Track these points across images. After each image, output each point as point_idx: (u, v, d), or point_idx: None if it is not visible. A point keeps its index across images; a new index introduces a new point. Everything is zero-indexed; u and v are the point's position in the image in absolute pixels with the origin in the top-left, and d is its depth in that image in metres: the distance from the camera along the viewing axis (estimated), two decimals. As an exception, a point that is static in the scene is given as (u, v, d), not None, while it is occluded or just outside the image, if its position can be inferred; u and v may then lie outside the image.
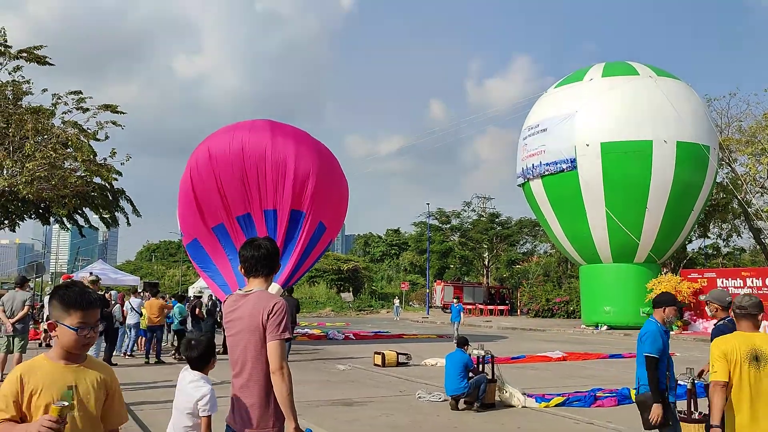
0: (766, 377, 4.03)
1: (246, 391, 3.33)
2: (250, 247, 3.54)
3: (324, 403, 10.18)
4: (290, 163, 17.49)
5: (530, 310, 44.72)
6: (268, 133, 17.93)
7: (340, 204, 19.64)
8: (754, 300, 4.31)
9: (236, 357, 3.39)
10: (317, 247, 18.94)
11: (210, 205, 17.83)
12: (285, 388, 3.23)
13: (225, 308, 3.57)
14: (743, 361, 4.06)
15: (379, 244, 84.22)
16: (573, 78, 31.06)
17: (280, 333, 3.28)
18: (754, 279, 25.77)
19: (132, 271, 59.34)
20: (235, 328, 3.42)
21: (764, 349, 4.07)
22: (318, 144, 19.49)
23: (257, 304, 3.36)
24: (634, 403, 10.21)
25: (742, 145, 34.03)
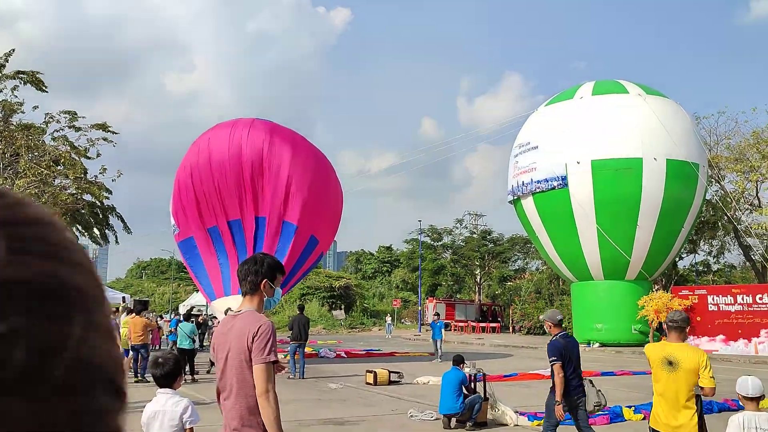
0: (679, 378, 4.93)
1: (234, 414, 3.28)
2: (245, 264, 3.49)
3: (315, 422, 10.10)
4: (284, 172, 17.32)
5: (522, 328, 44.65)
6: (267, 135, 17.75)
7: (333, 216, 19.51)
8: (684, 316, 5.23)
9: (226, 380, 3.35)
10: (308, 261, 18.85)
11: (208, 205, 17.73)
12: (271, 412, 3.19)
13: (218, 331, 3.54)
14: (659, 364, 5.07)
15: (371, 261, 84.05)
16: (563, 96, 31.31)
17: (266, 356, 3.24)
18: (744, 296, 25.85)
19: (122, 288, 58.93)
20: (224, 350, 3.37)
21: (676, 356, 4.98)
22: (315, 152, 19.25)
23: (244, 326, 3.32)
24: (626, 421, 10.21)
25: (731, 163, 34.33)
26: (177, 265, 79.03)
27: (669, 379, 4.99)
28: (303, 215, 17.49)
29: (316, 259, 19.67)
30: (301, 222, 17.49)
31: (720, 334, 26.00)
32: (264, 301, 3.51)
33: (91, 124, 25.04)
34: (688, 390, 4.93)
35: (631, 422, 10.13)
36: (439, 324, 23.28)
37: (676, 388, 4.96)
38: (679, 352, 5.02)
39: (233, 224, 17.62)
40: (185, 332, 16.29)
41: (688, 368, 4.93)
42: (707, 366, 4.93)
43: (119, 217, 29.16)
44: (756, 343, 24.90)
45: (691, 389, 4.94)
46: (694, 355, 5.01)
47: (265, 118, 19.42)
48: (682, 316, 5.22)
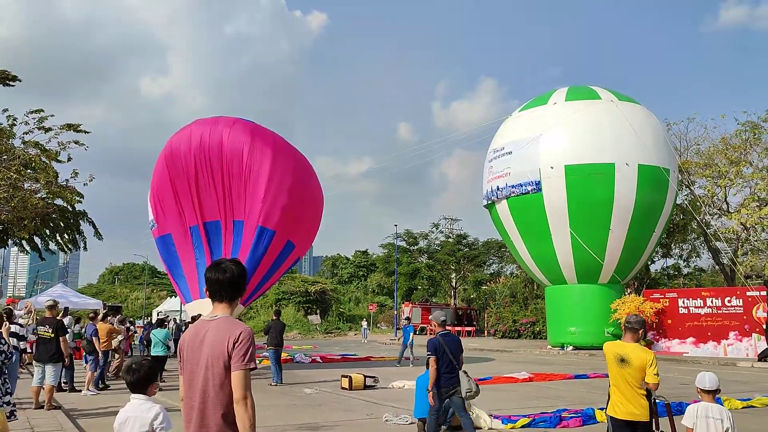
0: (627, 374, 5.71)
1: (207, 421, 3.23)
2: (215, 270, 3.42)
3: (290, 427, 10.05)
4: (264, 175, 17.13)
5: (497, 331, 44.90)
6: (248, 137, 17.52)
7: (312, 221, 19.36)
8: (639, 318, 5.97)
9: (197, 385, 3.28)
10: (283, 266, 18.72)
11: (186, 203, 17.53)
12: (248, 419, 3.16)
13: (187, 336, 3.45)
14: (612, 360, 5.85)
15: (347, 265, 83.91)
16: (537, 102, 31.63)
17: (246, 362, 3.21)
18: (713, 299, 26.33)
19: (94, 294, 58.08)
20: (196, 355, 3.32)
21: (628, 354, 5.73)
22: (297, 154, 19.06)
23: (222, 331, 3.27)
24: (598, 423, 10.33)
25: (701, 168, 34.94)
26: (150, 270, 78.14)
27: (620, 374, 5.79)
28: (281, 220, 17.32)
29: (291, 264, 19.56)
30: (279, 227, 17.32)
31: (690, 336, 26.44)
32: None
33: (61, 124, 24.68)
34: (637, 384, 5.69)
35: (603, 424, 10.22)
36: (409, 328, 23.00)
37: (625, 382, 5.76)
38: (631, 351, 5.77)
39: (210, 225, 17.46)
40: (159, 338, 16.07)
41: (636, 366, 5.67)
42: (653, 364, 5.65)
43: (91, 222, 28.73)
44: (725, 345, 25.37)
45: (639, 384, 5.68)
46: (643, 354, 5.73)
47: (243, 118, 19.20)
48: (636, 319, 5.97)
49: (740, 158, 33.79)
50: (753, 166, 34.22)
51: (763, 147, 33.78)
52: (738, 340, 25.11)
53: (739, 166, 33.49)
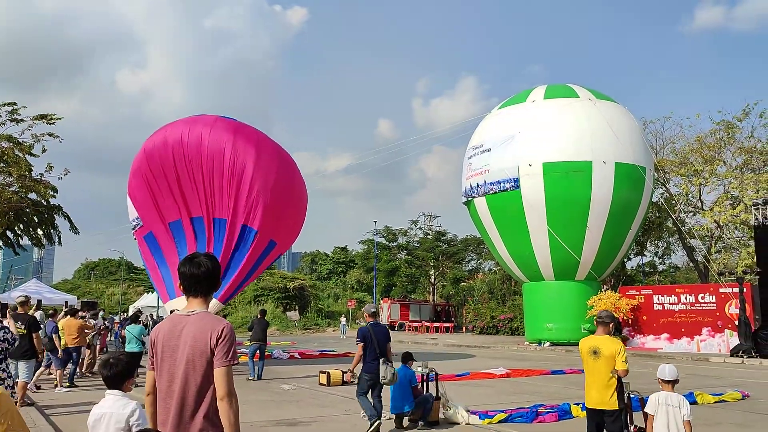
0: (599, 365, 6.35)
1: (187, 418, 3.18)
2: (189, 264, 3.38)
3: (267, 423, 10.02)
4: (248, 174, 16.98)
5: (475, 327, 45.13)
6: (231, 135, 17.34)
7: (295, 219, 19.25)
8: (609, 313, 6.68)
9: (176, 381, 3.22)
10: (264, 263, 18.64)
11: (166, 200, 17.35)
12: (233, 414, 3.13)
13: (161, 331, 3.37)
14: (587, 354, 6.51)
15: (326, 262, 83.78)
16: (516, 99, 31.80)
17: (230, 359, 3.18)
18: (687, 295, 26.70)
19: (69, 290, 57.29)
20: (173, 351, 3.25)
21: (599, 346, 6.40)
22: (280, 152, 18.89)
23: (203, 327, 3.22)
24: (574, 419, 10.44)
25: (676, 167, 35.42)
26: (127, 265, 77.34)
27: (594, 365, 6.41)
28: (264, 219, 17.23)
29: (271, 262, 19.49)
30: (262, 226, 17.24)
31: (664, 332, 26.80)
32: None
33: (34, 115, 24.27)
34: (609, 373, 6.29)
35: (579, 419, 10.34)
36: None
37: (599, 372, 6.37)
38: (602, 343, 6.46)
39: (195, 221, 17.32)
40: (133, 334, 15.88)
41: (607, 355, 6.31)
42: (621, 353, 6.30)
43: (66, 217, 28.32)
44: (698, 341, 25.76)
45: (611, 372, 6.30)
46: (612, 345, 6.40)
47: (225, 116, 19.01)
48: (606, 314, 6.71)
49: (714, 157, 34.31)
50: (727, 165, 34.77)
51: (737, 146, 34.34)
52: (711, 336, 25.51)
53: (713, 165, 34.00)
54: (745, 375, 17.98)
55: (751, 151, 33.78)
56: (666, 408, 5.90)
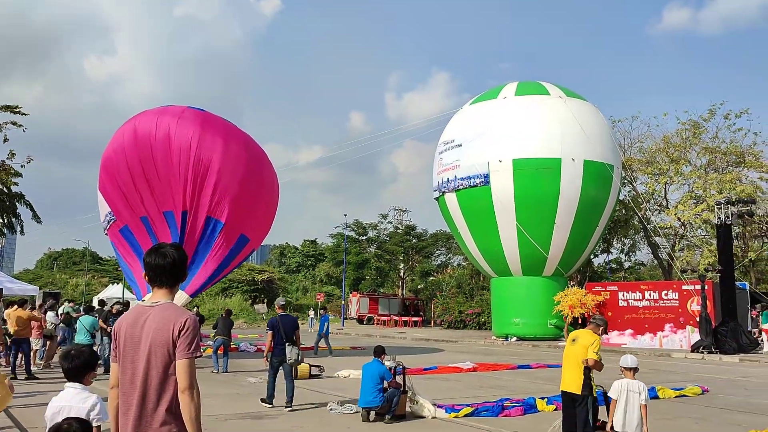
0: (574, 349, 7.02)
1: (149, 411, 3.11)
2: (155, 255, 3.33)
3: (233, 416, 9.93)
4: (214, 167, 16.72)
5: (443, 322, 45.38)
6: (197, 127, 17.05)
7: (266, 213, 19.04)
8: (601, 317, 7.58)
9: (139, 374, 3.15)
10: (237, 258, 18.46)
11: (137, 194, 17.09)
12: (193, 408, 3.07)
13: (124, 322, 3.31)
14: (568, 342, 7.27)
15: (295, 254, 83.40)
16: (488, 96, 31.96)
17: (192, 351, 3.13)
18: (651, 292, 27.20)
19: (31, 280, 56.08)
20: (136, 342, 3.19)
21: (579, 335, 7.15)
22: (250, 143, 18.59)
23: (166, 318, 3.17)
24: (539, 412, 10.55)
25: (643, 165, 35.99)
26: (91, 256, 75.99)
27: (570, 351, 7.09)
28: (232, 212, 17.03)
29: (245, 257, 19.34)
30: (230, 220, 17.03)
31: (629, 328, 27.27)
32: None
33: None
34: (579, 360, 6.88)
35: (544, 413, 10.46)
36: (324, 318, 22.54)
37: (572, 357, 7.01)
38: (582, 333, 7.21)
39: (167, 215, 17.08)
40: (84, 326, 15.58)
41: (582, 344, 6.96)
42: (594, 344, 6.92)
43: (28, 205, 27.69)
44: (661, 337, 26.26)
45: (581, 359, 6.87)
46: (589, 337, 7.06)
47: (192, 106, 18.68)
48: (600, 317, 7.61)
49: (680, 157, 34.94)
50: (692, 165, 35.45)
51: (702, 146, 35.02)
52: (673, 332, 26.02)
53: (678, 165, 34.64)
54: (705, 370, 18.39)
55: (715, 152, 34.48)
56: (627, 393, 6.61)
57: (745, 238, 36.80)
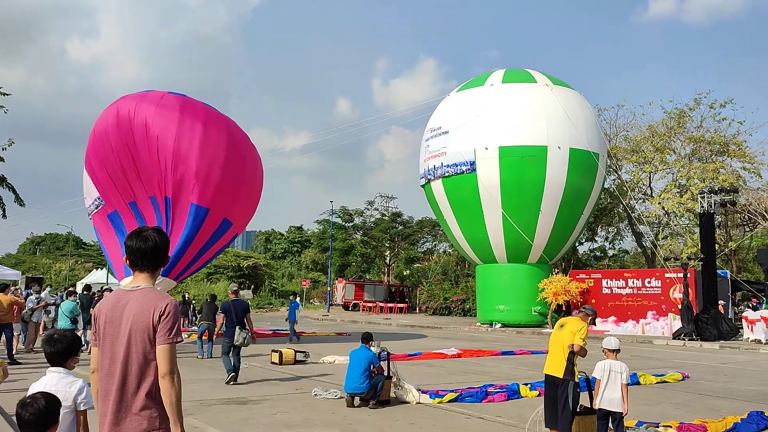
0: (561, 335, 7.04)
1: (129, 396, 3.10)
2: (136, 238, 3.29)
3: (217, 402, 9.93)
4: (194, 153, 16.61)
5: (428, 308, 45.58)
6: (177, 112, 16.89)
7: (250, 197, 18.94)
8: (591, 307, 7.55)
9: (118, 359, 3.13)
10: (219, 243, 18.39)
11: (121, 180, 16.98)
12: (174, 393, 3.05)
13: (104, 305, 3.28)
14: (556, 327, 7.28)
15: (281, 241, 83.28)
16: (475, 83, 31.93)
17: (173, 336, 3.11)
18: (634, 280, 27.47)
19: (13, 265, 55.54)
20: (116, 326, 3.16)
21: (567, 321, 7.23)
22: (232, 128, 18.41)
23: (146, 303, 3.14)
24: (523, 398, 10.64)
25: (628, 154, 36.18)
26: (75, 241, 75.39)
27: (556, 336, 7.14)
28: (215, 198, 16.93)
29: (228, 241, 19.27)
30: (213, 205, 16.94)
31: (612, 315, 27.55)
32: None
33: None
34: (565, 345, 6.94)
35: (528, 399, 10.56)
36: (293, 304, 22.21)
37: (558, 342, 7.06)
38: (569, 320, 7.31)
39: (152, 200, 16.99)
40: (64, 312, 15.46)
41: (569, 330, 7.04)
42: (581, 331, 6.95)
43: (10, 188, 27.37)
44: (643, 324, 26.56)
45: (567, 345, 6.91)
46: (576, 323, 7.13)
47: (175, 90, 18.48)
48: (590, 307, 7.58)
49: (665, 146, 35.16)
50: (676, 154, 35.70)
51: (687, 136, 35.25)
52: (655, 319, 26.33)
53: (663, 154, 34.85)
54: (686, 357, 18.63)
55: (699, 141, 34.72)
56: (610, 373, 6.95)
57: (728, 227, 37.20)
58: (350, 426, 8.43)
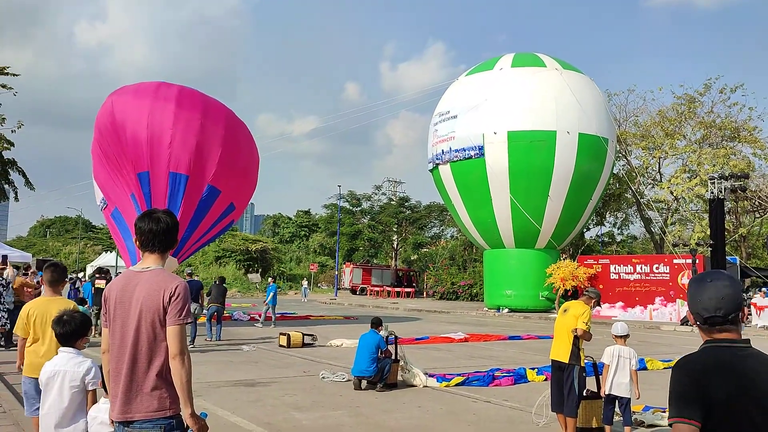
0: (565, 320, 6.98)
1: (140, 376, 3.12)
2: (148, 220, 3.30)
3: (226, 384, 10.02)
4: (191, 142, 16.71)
5: (436, 293, 45.66)
6: (173, 104, 16.94)
7: (250, 183, 19.16)
8: (594, 290, 7.46)
9: (128, 340, 3.15)
10: (218, 225, 18.61)
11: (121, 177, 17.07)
12: (184, 374, 3.07)
13: (114, 287, 3.29)
14: (560, 312, 7.22)
15: (289, 225, 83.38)
16: (483, 67, 31.71)
17: (183, 317, 3.12)
18: (642, 265, 27.39)
19: (24, 247, 55.95)
20: (126, 309, 3.18)
21: (570, 306, 7.12)
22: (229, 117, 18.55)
23: (157, 284, 3.15)
24: (530, 383, 10.68)
25: (638, 139, 35.95)
26: (84, 223, 75.81)
27: (560, 321, 7.12)
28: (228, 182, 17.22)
29: (227, 224, 19.44)
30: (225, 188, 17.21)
31: (619, 301, 27.52)
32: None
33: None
34: (569, 330, 6.94)
35: (534, 383, 10.60)
36: (271, 287, 21.15)
37: (562, 327, 7.05)
38: (573, 304, 7.16)
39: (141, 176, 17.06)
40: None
41: (572, 314, 7.01)
42: (583, 315, 6.93)
43: (20, 172, 27.51)
44: (651, 310, 26.53)
45: (571, 330, 6.92)
46: (579, 307, 7.09)
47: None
48: (594, 290, 7.50)
49: (675, 131, 34.90)
50: (686, 139, 35.43)
51: (697, 121, 34.97)
52: (663, 305, 26.28)
53: (673, 139, 34.61)
54: (693, 343, 18.57)
55: (710, 126, 34.44)
56: (618, 359, 6.95)
57: (737, 213, 36.99)
58: (357, 409, 8.49)
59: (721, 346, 2.29)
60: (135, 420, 3.10)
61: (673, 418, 2.21)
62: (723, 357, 2.24)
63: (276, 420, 7.66)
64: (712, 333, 2.34)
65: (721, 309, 2.29)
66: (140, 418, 3.10)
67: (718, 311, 2.29)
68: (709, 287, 2.32)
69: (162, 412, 3.12)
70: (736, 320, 2.32)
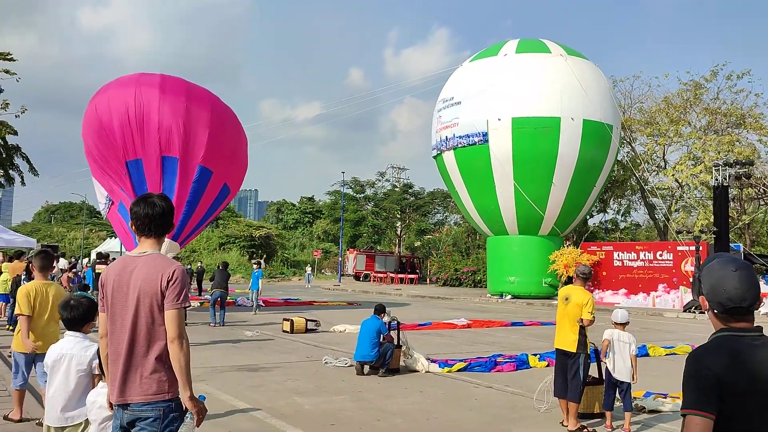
0: (568, 309, 6.95)
1: (138, 360, 3.13)
2: (143, 204, 3.30)
3: (229, 368, 10.08)
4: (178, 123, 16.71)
5: (439, 279, 45.73)
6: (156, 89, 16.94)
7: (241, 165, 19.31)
8: (587, 268, 7.29)
9: (126, 325, 3.16)
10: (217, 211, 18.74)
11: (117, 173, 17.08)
12: (183, 357, 3.09)
13: (111, 272, 3.29)
14: (560, 300, 7.13)
15: (293, 211, 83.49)
16: (488, 53, 31.53)
17: (181, 301, 3.14)
18: (646, 252, 27.37)
19: (29, 233, 56.18)
20: (124, 293, 3.18)
21: (570, 294, 7.03)
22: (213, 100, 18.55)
23: (154, 268, 3.15)
24: (531, 369, 10.72)
25: (642, 126, 35.78)
26: (88, 209, 76.00)
27: (563, 310, 7.03)
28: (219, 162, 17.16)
29: (223, 208, 19.58)
30: (217, 169, 17.17)
31: (623, 288, 27.53)
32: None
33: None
34: (574, 319, 6.89)
35: (536, 369, 10.63)
36: (257, 273, 20.65)
37: (566, 316, 6.98)
38: (573, 292, 7.08)
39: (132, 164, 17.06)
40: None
41: (575, 303, 6.93)
42: (588, 304, 6.88)
43: (24, 158, 27.55)
44: (654, 297, 26.54)
45: (575, 319, 6.88)
46: (582, 295, 6.98)
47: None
48: (585, 269, 7.27)
49: (680, 118, 34.72)
50: (691, 126, 35.25)
51: (702, 107, 34.77)
52: (666, 292, 26.29)
53: (678, 126, 34.44)
54: (696, 329, 18.63)
55: (715, 113, 34.25)
56: (618, 343, 7.07)
57: (742, 200, 36.87)
58: (360, 393, 8.54)
59: (736, 335, 2.22)
60: (134, 403, 3.12)
61: (687, 408, 2.13)
62: (740, 347, 2.18)
63: (278, 404, 7.72)
64: (730, 322, 2.26)
65: (746, 300, 2.21)
66: (139, 400, 3.11)
67: (744, 302, 2.21)
68: (734, 277, 2.21)
69: (161, 395, 3.13)
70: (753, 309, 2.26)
